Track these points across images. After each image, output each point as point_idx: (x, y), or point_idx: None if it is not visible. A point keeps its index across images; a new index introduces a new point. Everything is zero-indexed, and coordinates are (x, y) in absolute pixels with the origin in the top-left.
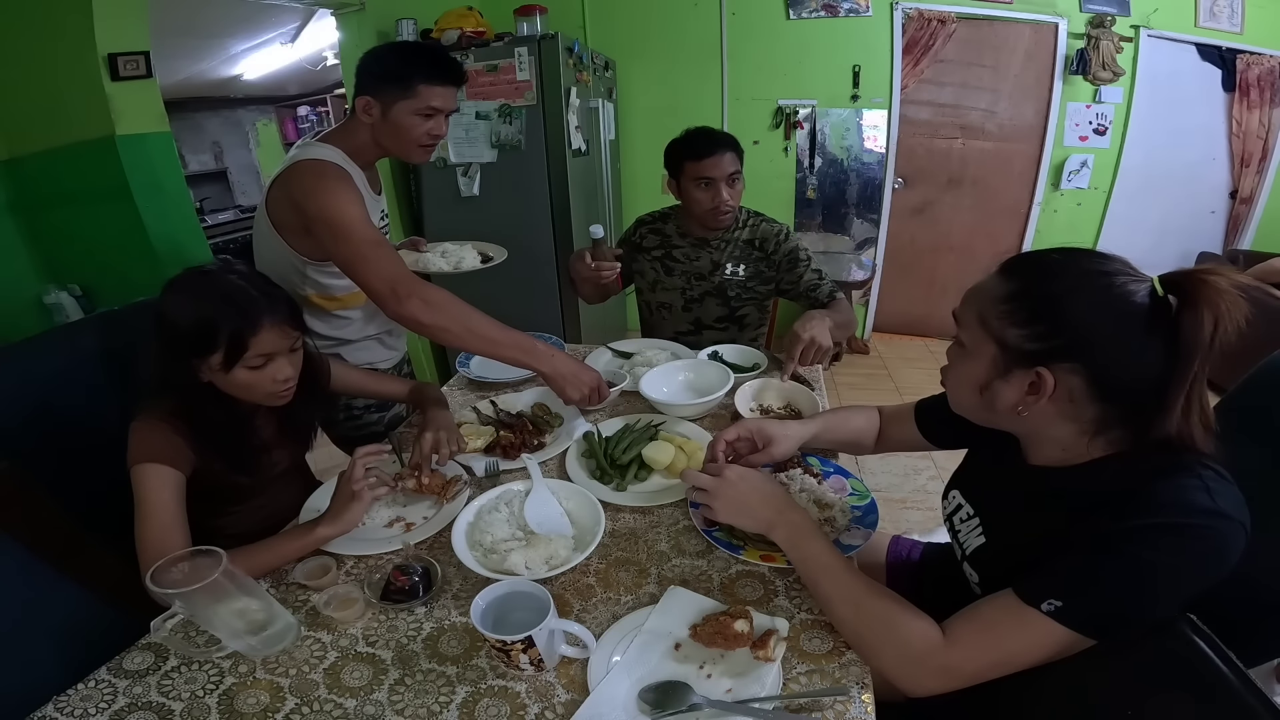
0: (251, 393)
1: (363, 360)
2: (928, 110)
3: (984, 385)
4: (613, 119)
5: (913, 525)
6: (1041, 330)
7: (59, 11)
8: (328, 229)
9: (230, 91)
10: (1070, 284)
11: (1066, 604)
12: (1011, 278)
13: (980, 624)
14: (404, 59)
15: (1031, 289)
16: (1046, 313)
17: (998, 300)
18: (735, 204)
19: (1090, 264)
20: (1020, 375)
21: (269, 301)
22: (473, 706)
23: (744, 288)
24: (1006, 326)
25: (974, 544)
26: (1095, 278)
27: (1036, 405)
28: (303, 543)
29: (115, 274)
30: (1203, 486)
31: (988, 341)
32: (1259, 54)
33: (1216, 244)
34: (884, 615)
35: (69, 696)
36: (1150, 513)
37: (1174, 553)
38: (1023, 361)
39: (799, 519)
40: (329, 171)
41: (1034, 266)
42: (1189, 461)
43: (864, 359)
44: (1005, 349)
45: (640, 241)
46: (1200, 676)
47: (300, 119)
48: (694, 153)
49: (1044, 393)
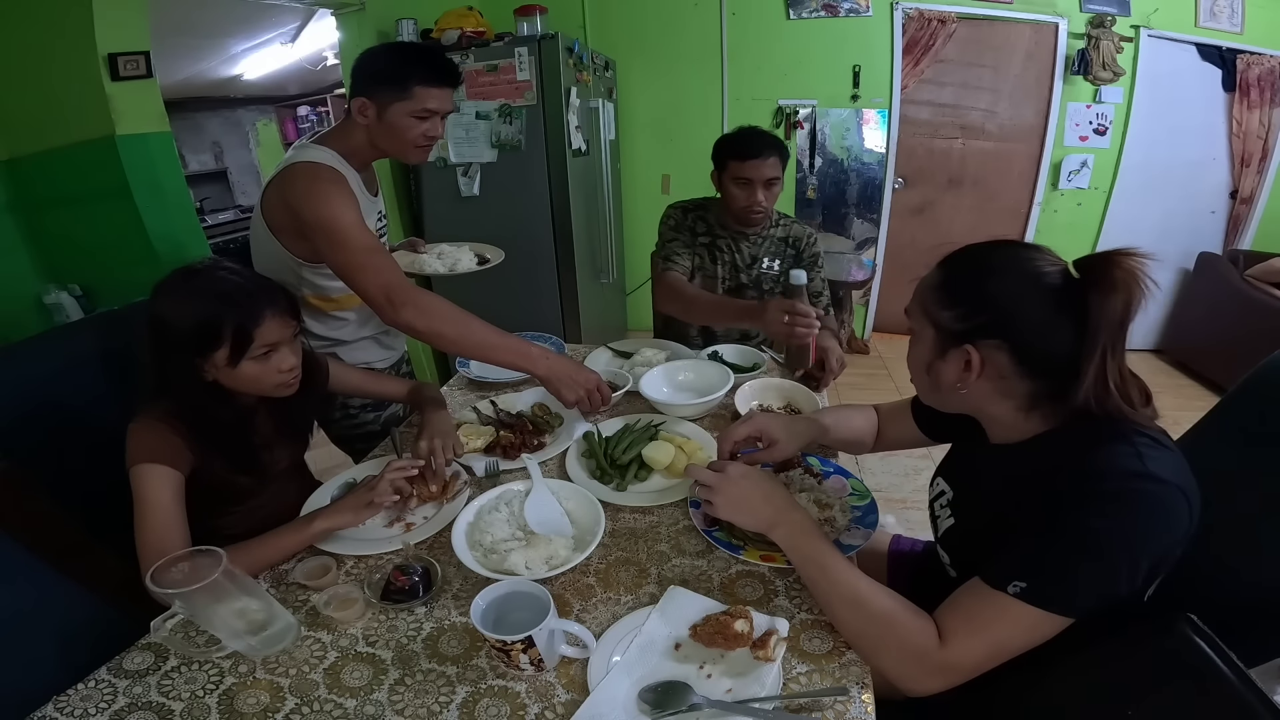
0: (259, 385)
1: (360, 360)
2: (928, 110)
3: (928, 365)
4: (613, 119)
5: (913, 525)
6: (965, 310)
7: (59, 11)
8: (323, 235)
9: (230, 91)
10: (991, 267)
11: (1030, 584)
12: (943, 267)
13: (962, 615)
14: (400, 61)
15: (958, 274)
16: (970, 294)
17: (933, 288)
18: (769, 206)
19: (1011, 250)
20: (955, 354)
21: (266, 293)
22: (473, 706)
23: (776, 282)
24: (939, 310)
25: (945, 525)
26: (1014, 262)
27: (973, 381)
28: (301, 536)
29: (115, 274)
30: (1134, 453)
31: (927, 326)
32: (1259, 54)
33: (1216, 244)
34: (884, 615)
35: (69, 696)
36: (1086, 482)
37: (1116, 518)
38: (954, 340)
39: (800, 518)
40: (323, 175)
41: (962, 256)
42: (1123, 430)
43: (864, 359)
44: (940, 330)
45: (694, 225)
46: (1200, 676)
47: (300, 119)
48: (738, 152)
49: (974, 368)
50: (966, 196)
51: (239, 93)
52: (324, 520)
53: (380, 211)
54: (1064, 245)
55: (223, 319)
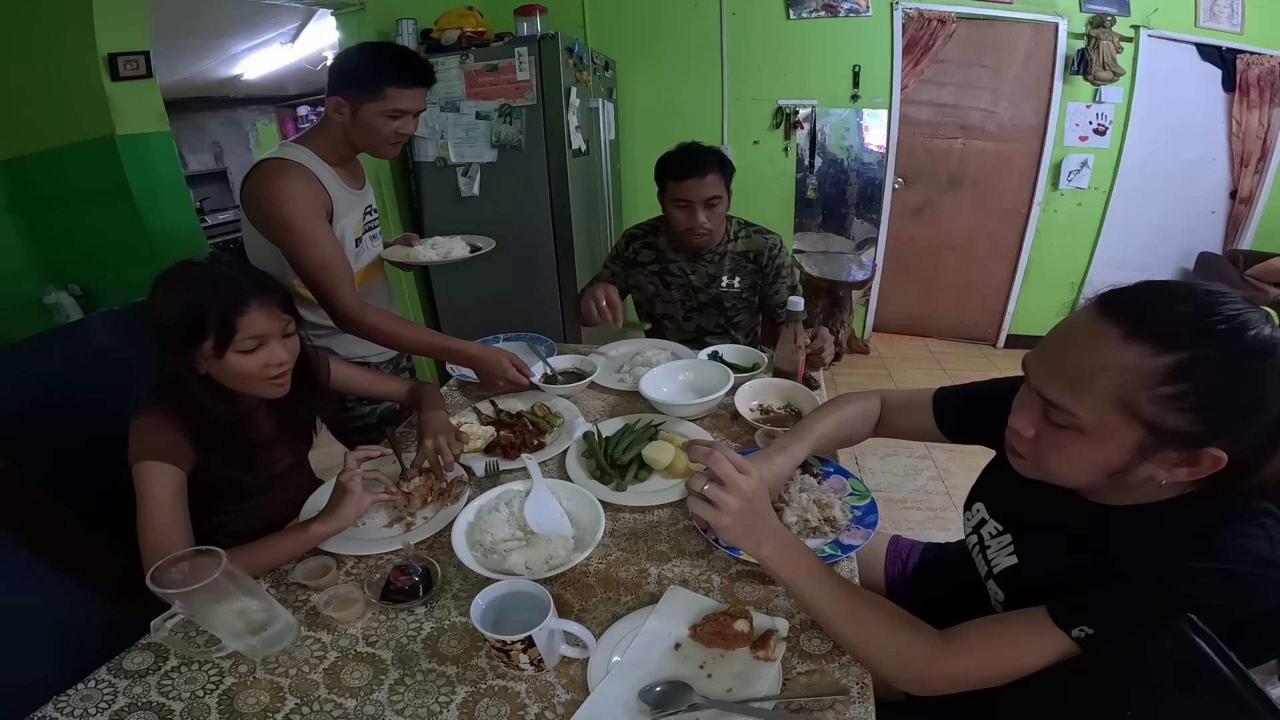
0: (246, 382)
1: (355, 352)
2: (928, 110)
3: (1118, 470)
4: (613, 119)
5: (913, 525)
6: (1219, 424)
7: (59, 11)
8: (280, 232)
9: (230, 91)
10: (1246, 366)
11: (1097, 634)
12: (1168, 348)
13: (1002, 639)
14: (372, 62)
15: (1203, 369)
16: (1224, 400)
17: (1154, 380)
18: (713, 227)
19: (1257, 333)
20: (1169, 454)
21: (256, 285)
22: (473, 706)
23: (739, 298)
24: (1168, 411)
25: (1004, 564)
26: (1259, 346)
27: (1187, 477)
28: (299, 540)
29: (115, 274)
30: (1267, 536)
31: (1131, 426)
32: (1259, 54)
33: (1216, 244)
34: (883, 628)
35: (69, 696)
36: (1208, 557)
37: (1218, 596)
38: (1183, 443)
39: (787, 535)
40: (290, 172)
41: (1195, 336)
42: (1255, 509)
43: (864, 359)
44: (1160, 432)
45: (634, 257)
46: (1200, 676)
47: (300, 119)
48: (673, 171)
49: (1211, 468)
50: (966, 196)
51: (239, 93)
52: (321, 524)
53: (369, 205)
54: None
55: (206, 308)
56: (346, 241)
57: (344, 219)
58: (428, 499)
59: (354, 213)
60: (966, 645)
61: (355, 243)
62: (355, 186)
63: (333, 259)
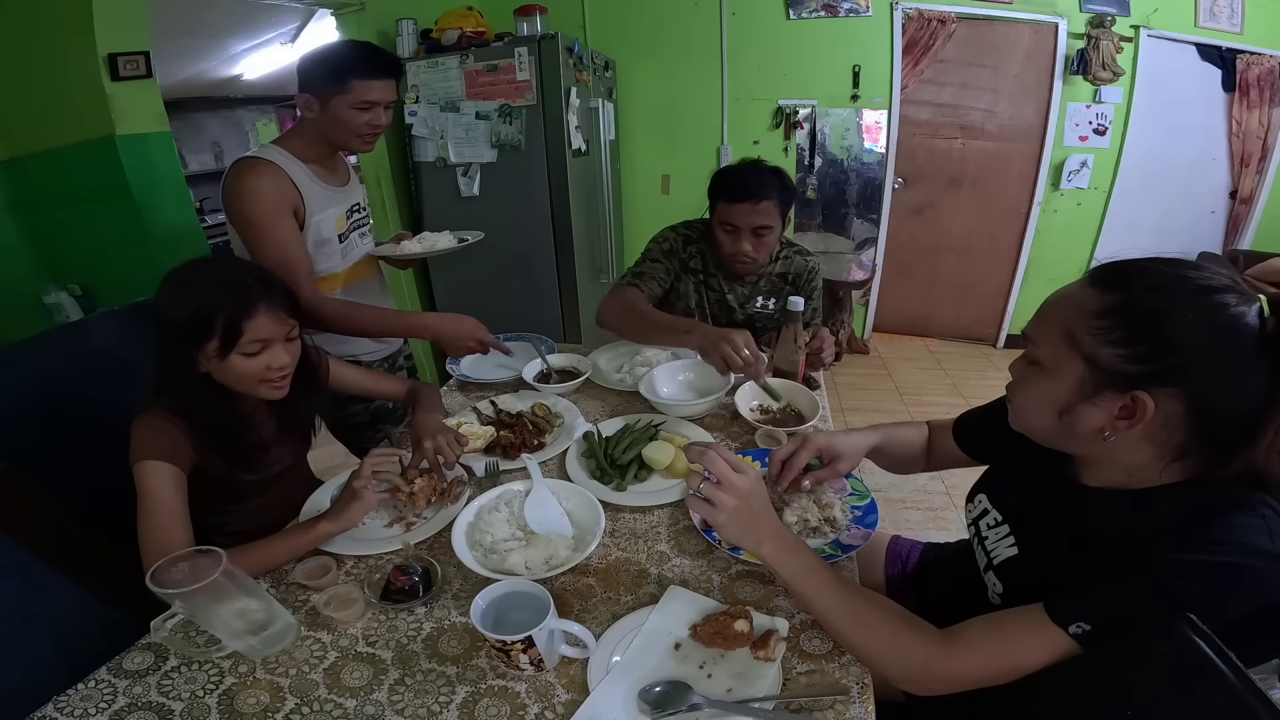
0: (246, 383)
1: (346, 351)
2: (928, 110)
3: (1065, 408)
4: (613, 119)
5: (913, 525)
6: (1144, 350)
7: (59, 11)
8: (244, 229)
9: (230, 91)
10: (1178, 299)
11: (1095, 630)
12: (1110, 290)
13: (1000, 638)
14: (337, 57)
15: (1135, 303)
16: (1151, 331)
17: (1092, 314)
18: (758, 256)
19: (1199, 278)
20: (1111, 398)
21: (264, 288)
22: (473, 706)
23: (770, 318)
24: (1101, 344)
25: (1004, 555)
26: (1205, 294)
27: (1127, 431)
28: (304, 539)
29: (115, 274)
30: (1265, 528)
31: (1074, 360)
32: (1259, 54)
33: (1216, 244)
34: (884, 627)
35: (69, 696)
36: (1206, 549)
37: (1219, 591)
38: (1117, 383)
39: (787, 534)
40: (260, 170)
41: (1136, 278)
42: (1254, 499)
43: (864, 359)
44: (1096, 369)
45: (688, 261)
46: (1200, 677)
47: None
48: (726, 193)
49: (1141, 418)
50: (966, 196)
51: (239, 93)
52: (327, 523)
53: (355, 204)
54: (1064, 245)
55: (214, 308)
56: (327, 238)
57: (319, 215)
58: (430, 499)
59: (333, 209)
60: (966, 644)
61: (340, 239)
62: (336, 184)
63: (292, 255)
